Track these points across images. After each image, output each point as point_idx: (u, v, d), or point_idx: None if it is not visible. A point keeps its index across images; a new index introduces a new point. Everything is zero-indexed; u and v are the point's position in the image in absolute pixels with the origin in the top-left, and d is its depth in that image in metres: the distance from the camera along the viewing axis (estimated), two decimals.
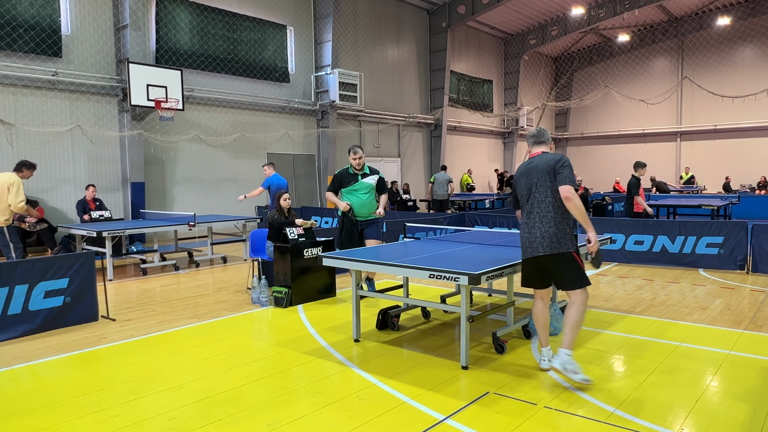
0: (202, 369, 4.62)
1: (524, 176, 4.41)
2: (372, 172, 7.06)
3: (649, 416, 3.62)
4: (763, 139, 24.44)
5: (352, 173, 6.99)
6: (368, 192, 7.00)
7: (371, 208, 7.02)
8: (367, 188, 7.00)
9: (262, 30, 15.87)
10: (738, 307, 6.48)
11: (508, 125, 26.45)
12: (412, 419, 3.63)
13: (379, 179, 7.09)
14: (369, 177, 7.02)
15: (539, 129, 4.57)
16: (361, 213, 6.98)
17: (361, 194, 6.96)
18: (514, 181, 4.53)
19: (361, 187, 6.97)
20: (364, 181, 6.98)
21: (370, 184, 7.00)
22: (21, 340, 5.54)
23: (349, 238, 6.95)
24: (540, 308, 4.48)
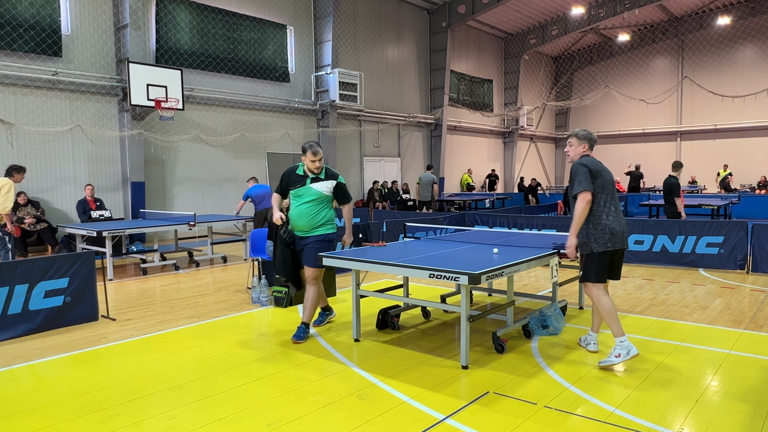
0: (202, 369, 4.62)
1: (606, 172, 4.68)
2: (329, 176, 5.45)
3: (649, 416, 3.62)
4: (763, 139, 24.44)
5: (300, 174, 5.44)
6: (314, 202, 5.36)
7: (314, 222, 5.38)
8: (315, 197, 5.36)
9: (262, 30, 15.86)
10: (738, 307, 6.48)
11: (508, 125, 26.44)
12: (412, 419, 3.63)
13: (338, 185, 5.45)
14: (321, 183, 5.38)
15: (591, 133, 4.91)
16: (298, 226, 5.40)
17: (304, 202, 5.37)
18: (595, 170, 4.58)
19: (306, 194, 5.37)
20: (312, 186, 5.36)
21: (319, 193, 5.36)
22: (21, 340, 5.54)
23: (282, 261, 5.56)
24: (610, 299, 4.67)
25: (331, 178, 5.45)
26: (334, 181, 5.45)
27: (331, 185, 5.42)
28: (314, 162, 5.35)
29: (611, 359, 4.45)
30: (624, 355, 4.41)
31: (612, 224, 4.56)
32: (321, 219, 5.40)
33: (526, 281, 8.31)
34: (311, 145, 5.33)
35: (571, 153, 4.81)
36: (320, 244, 5.39)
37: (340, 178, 5.51)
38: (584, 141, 4.77)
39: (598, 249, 4.55)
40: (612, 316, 4.53)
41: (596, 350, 4.89)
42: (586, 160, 4.69)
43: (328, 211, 5.47)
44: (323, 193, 5.40)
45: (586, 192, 4.50)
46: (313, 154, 5.34)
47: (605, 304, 4.56)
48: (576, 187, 4.54)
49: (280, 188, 5.61)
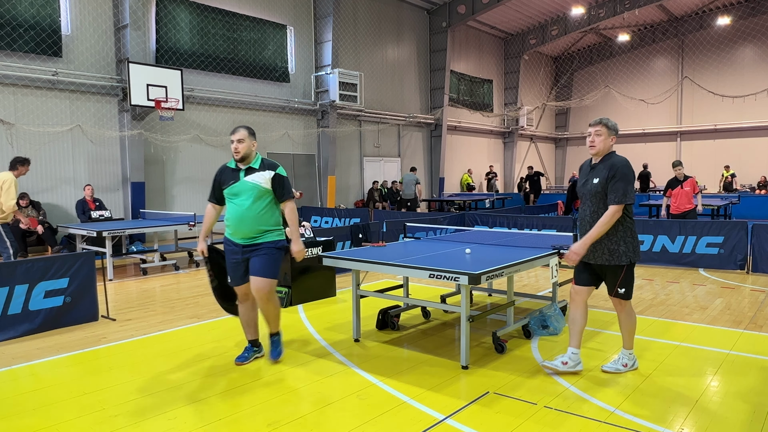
0: (202, 369, 4.62)
1: None
2: (265, 166, 4.52)
3: (649, 416, 3.62)
4: (763, 139, 24.44)
5: (232, 168, 4.56)
6: (254, 197, 4.43)
7: (261, 224, 4.46)
8: (253, 191, 4.43)
9: (262, 30, 15.86)
10: (738, 307, 6.48)
11: (508, 125, 26.45)
12: (412, 419, 3.63)
13: (276, 177, 4.48)
14: (257, 174, 4.46)
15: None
16: (242, 233, 4.45)
17: (243, 201, 4.44)
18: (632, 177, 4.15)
19: (243, 190, 4.45)
20: (248, 179, 4.45)
21: (257, 186, 4.44)
22: (21, 340, 5.54)
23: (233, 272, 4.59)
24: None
25: (268, 168, 4.52)
26: (272, 171, 4.49)
27: (269, 176, 4.48)
28: (233, 144, 4.46)
29: (618, 367, 4.39)
30: (630, 366, 4.41)
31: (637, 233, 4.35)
32: (269, 221, 4.50)
33: (526, 281, 8.31)
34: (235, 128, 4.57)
35: (599, 145, 4.16)
36: (275, 251, 4.53)
37: (280, 169, 4.56)
38: (614, 133, 4.18)
39: (636, 259, 4.26)
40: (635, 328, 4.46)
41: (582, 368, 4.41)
42: (628, 161, 4.17)
43: (276, 212, 4.58)
44: (261, 185, 4.45)
45: (625, 205, 4.07)
46: (232, 135, 4.50)
47: (634, 318, 4.44)
48: (622, 197, 4.02)
49: (213, 195, 4.67)
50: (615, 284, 4.26)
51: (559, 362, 4.33)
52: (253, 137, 4.54)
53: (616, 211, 4.03)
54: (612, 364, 4.41)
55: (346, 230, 9.75)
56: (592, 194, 4.14)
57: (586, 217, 4.23)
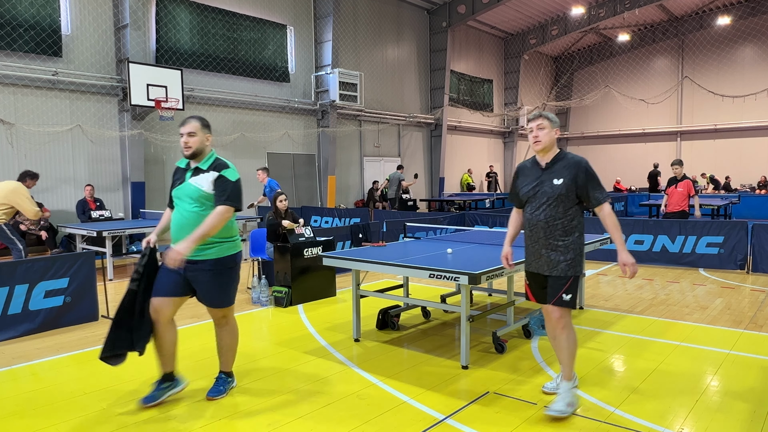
0: (202, 369, 4.62)
1: None
2: (213, 166, 3.82)
3: (649, 416, 3.62)
4: (763, 139, 24.44)
5: (182, 167, 3.93)
6: (196, 203, 3.76)
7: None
8: (194, 196, 3.76)
9: (262, 30, 15.86)
10: (738, 307, 6.48)
11: (509, 125, 26.45)
12: (412, 419, 3.63)
13: (218, 179, 3.75)
14: (202, 176, 3.78)
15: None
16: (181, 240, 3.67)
17: (185, 206, 3.79)
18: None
19: (185, 193, 3.79)
20: (193, 182, 3.78)
21: (197, 189, 3.75)
22: (21, 340, 5.54)
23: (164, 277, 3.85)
24: None
25: (215, 169, 3.78)
26: (216, 173, 3.76)
27: (212, 179, 3.75)
28: (182, 138, 3.80)
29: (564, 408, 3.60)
30: (574, 404, 3.66)
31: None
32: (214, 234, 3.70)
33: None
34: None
35: (544, 139, 3.76)
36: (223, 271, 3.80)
37: (227, 171, 3.78)
38: (557, 126, 3.82)
39: (582, 270, 3.80)
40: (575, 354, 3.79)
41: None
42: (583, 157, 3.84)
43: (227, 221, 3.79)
44: (203, 189, 3.72)
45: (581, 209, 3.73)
46: (181, 127, 3.85)
47: (576, 339, 3.80)
48: (604, 193, 3.71)
49: (169, 197, 4.01)
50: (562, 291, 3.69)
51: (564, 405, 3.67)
52: (206, 130, 3.89)
53: (611, 211, 3.70)
54: (557, 404, 3.63)
55: (346, 230, 9.75)
56: (555, 197, 3.68)
57: (539, 223, 3.71)
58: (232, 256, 3.87)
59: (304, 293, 6.96)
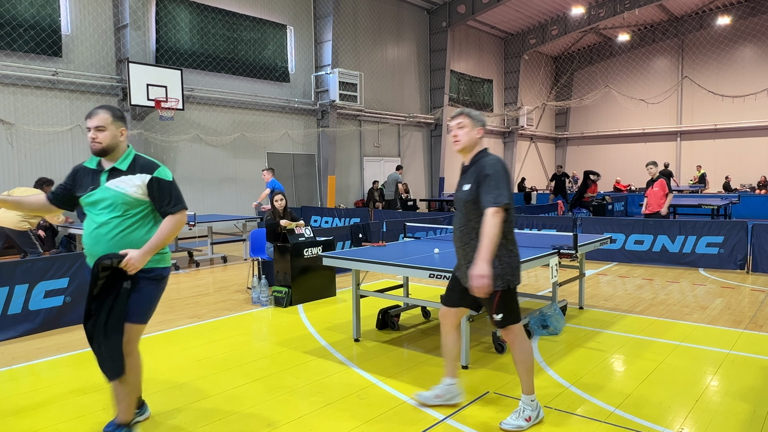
0: (202, 369, 4.62)
1: None
2: (139, 167, 3.22)
3: (649, 416, 3.62)
4: (763, 139, 24.45)
5: (92, 168, 3.25)
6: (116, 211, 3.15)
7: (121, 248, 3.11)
8: (114, 202, 3.15)
9: (262, 30, 15.86)
10: (738, 307, 6.48)
11: (508, 125, 26.45)
12: (412, 419, 3.63)
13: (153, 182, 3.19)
14: (124, 179, 3.18)
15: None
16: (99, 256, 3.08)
17: (100, 215, 3.17)
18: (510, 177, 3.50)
19: (101, 199, 3.18)
20: (110, 185, 3.17)
21: (119, 194, 3.15)
22: (21, 340, 5.54)
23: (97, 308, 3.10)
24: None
25: (142, 170, 3.20)
26: (146, 175, 3.19)
27: (141, 181, 3.17)
28: (90, 133, 3.16)
29: (521, 423, 3.45)
30: (534, 418, 3.50)
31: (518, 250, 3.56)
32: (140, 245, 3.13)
33: (526, 281, 8.31)
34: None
35: (463, 138, 3.52)
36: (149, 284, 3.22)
37: (159, 172, 3.22)
38: (480, 125, 3.55)
39: (515, 282, 3.47)
40: (533, 366, 3.57)
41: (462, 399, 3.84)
42: (500, 159, 3.51)
43: (148, 230, 3.22)
44: (128, 194, 3.15)
45: (506, 206, 3.33)
46: (87, 119, 3.20)
47: (530, 350, 3.57)
48: (497, 196, 3.29)
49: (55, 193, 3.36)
50: (490, 310, 3.49)
51: (432, 395, 3.78)
52: (119, 123, 3.22)
53: (495, 213, 3.27)
54: (512, 419, 3.48)
55: (346, 230, 9.76)
56: (463, 203, 3.48)
57: (456, 232, 3.56)
58: (161, 269, 3.29)
59: (304, 293, 6.96)
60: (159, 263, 3.26)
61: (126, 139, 3.30)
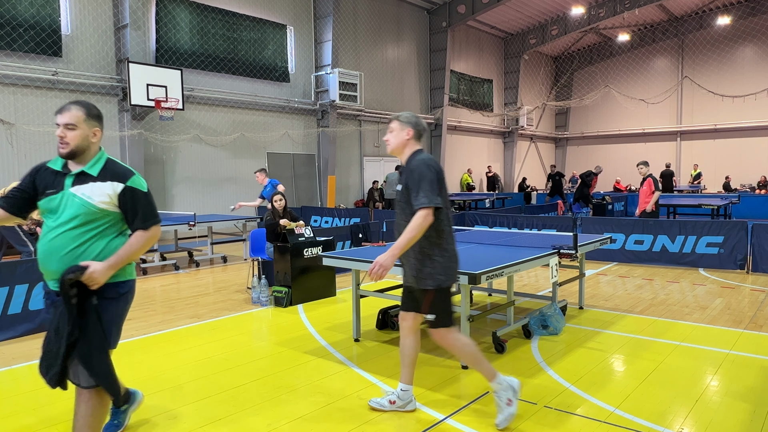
0: (202, 369, 4.62)
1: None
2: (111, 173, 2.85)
3: (649, 416, 3.62)
4: (763, 139, 24.45)
5: (56, 169, 2.88)
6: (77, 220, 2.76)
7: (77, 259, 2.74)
8: (78, 211, 2.76)
9: (262, 30, 15.86)
10: (738, 307, 6.48)
11: (508, 125, 26.45)
12: (412, 419, 3.63)
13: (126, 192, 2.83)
14: (93, 186, 2.80)
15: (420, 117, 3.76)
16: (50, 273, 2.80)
17: (59, 224, 2.77)
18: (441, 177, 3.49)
19: (63, 206, 2.79)
20: (75, 191, 2.79)
21: (84, 203, 2.77)
22: (21, 340, 5.54)
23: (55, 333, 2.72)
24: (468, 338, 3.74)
25: (115, 178, 2.83)
26: (119, 184, 2.83)
27: (112, 191, 2.81)
28: (58, 130, 2.83)
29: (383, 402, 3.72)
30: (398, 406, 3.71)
31: (455, 249, 3.60)
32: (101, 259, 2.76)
33: (526, 281, 8.31)
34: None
35: (392, 140, 3.61)
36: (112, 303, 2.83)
37: (134, 181, 2.87)
38: (408, 126, 3.59)
39: (448, 282, 3.51)
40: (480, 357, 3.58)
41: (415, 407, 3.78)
42: (430, 159, 3.51)
43: (119, 243, 2.85)
44: (93, 204, 2.77)
45: (433, 209, 3.34)
46: (57, 114, 2.87)
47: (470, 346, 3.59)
48: (421, 198, 3.33)
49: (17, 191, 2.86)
50: (423, 310, 3.55)
51: (386, 400, 3.75)
52: (94, 122, 2.88)
53: (424, 215, 3.30)
54: (380, 398, 3.74)
55: (346, 230, 9.75)
56: (397, 203, 3.55)
57: (395, 231, 3.61)
58: (125, 282, 2.91)
59: (304, 293, 6.96)
60: (119, 277, 2.86)
61: (99, 142, 2.92)
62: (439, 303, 3.50)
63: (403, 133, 3.59)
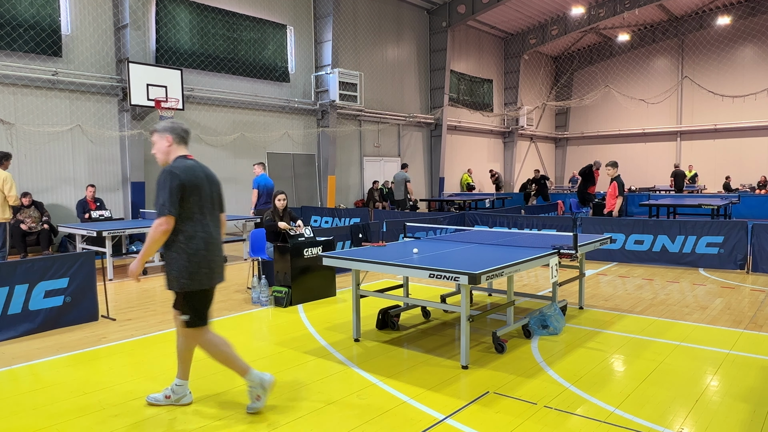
0: (202, 369, 4.62)
1: (208, 183, 3.76)
2: None
3: (649, 416, 3.62)
4: (763, 139, 24.44)
5: None
6: None
7: None
8: None
9: (262, 30, 15.86)
10: (738, 307, 6.48)
11: (508, 125, 26.45)
12: (412, 419, 3.63)
13: None
14: None
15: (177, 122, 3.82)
16: None
17: None
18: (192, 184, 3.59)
19: None
20: None
21: None
22: (21, 340, 5.54)
23: None
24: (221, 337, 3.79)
25: None
26: None
27: None
28: None
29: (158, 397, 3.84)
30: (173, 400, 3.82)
31: (212, 254, 3.67)
32: None
33: (526, 281, 8.31)
34: None
35: (157, 155, 3.72)
36: None
37: None
38: (166, 133, 3.66)
39: (193, 286, 3.60)
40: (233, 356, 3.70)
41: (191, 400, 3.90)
42: (180, 166, 3.57)
43: None
44: None
45: (170, 218, 3.47)
46: None
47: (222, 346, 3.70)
48: (161, 207, 3.48)
49: None
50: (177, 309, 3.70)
51: (162, 395, 3.85)
52: None
53: (159, 223, 3.46)
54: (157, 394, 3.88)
55: (346, 230, 9.75)
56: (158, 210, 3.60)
57: None
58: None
59: (304, 293, 6.96)
60: None
61: None
62: (188, 304, 3.62)
63: (164, 141, 3.67)
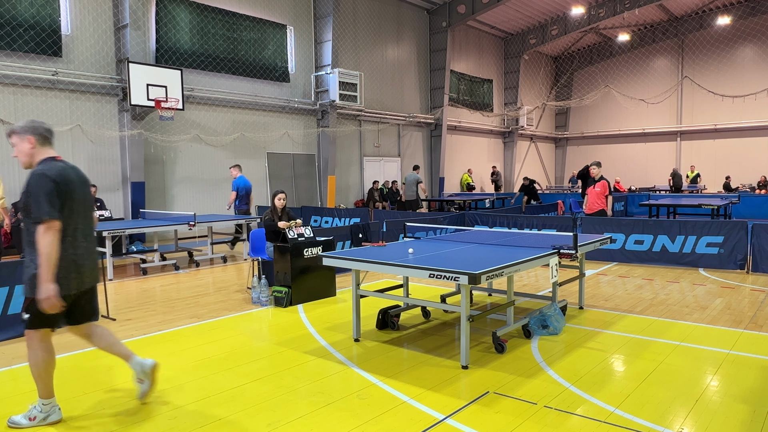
0: (202, 369, 4.62)
1: (83, 186, 3.63)
2: None
3: (649, 416, 3.62)
4: (763, 139, 24.45)
5: None
6: None
7: None
8: None
9: (262, 30, 15.86)
10: (738, 307, 6.48)
11: (508, 125, 26.45)
12: (412, 419, 3.63)
13: None
14: None
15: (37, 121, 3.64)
16: None
17: None
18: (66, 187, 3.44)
19: None
20: None
21: None
22: (21, 340, 5.54)
23: None
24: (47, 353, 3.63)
25: None
26: None
27: None
28: None
29: (20, 420, 3.58)
30: (40, 419, 3.58)
31: (82, 258, 3.54)
32: None
33: (526, 281, 8.31)
34: None
35: (20, 158, 3.53)
36: None
37: None
38: (27, 134, 3.49)
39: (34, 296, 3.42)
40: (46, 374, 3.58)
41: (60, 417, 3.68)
42: (52, 169, 3.41)
43: None
44: None
45: (53, 221, 3.31)
46: None
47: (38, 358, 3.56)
48: (38, 213, 3.30)
49: None
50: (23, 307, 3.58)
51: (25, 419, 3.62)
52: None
53: (43, 233, 3.28)
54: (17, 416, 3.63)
55: (346, 230, 9.75)
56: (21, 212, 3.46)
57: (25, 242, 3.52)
58: None
59: (304, 293, 6.96)
60: None
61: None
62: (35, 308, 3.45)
63: (25, 143, 3.48)
